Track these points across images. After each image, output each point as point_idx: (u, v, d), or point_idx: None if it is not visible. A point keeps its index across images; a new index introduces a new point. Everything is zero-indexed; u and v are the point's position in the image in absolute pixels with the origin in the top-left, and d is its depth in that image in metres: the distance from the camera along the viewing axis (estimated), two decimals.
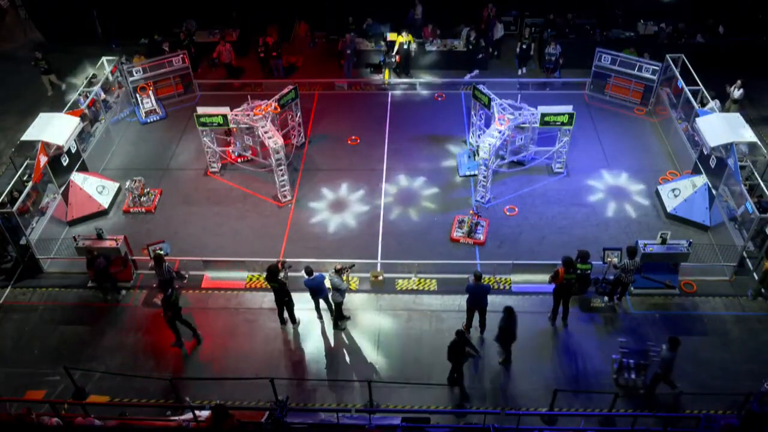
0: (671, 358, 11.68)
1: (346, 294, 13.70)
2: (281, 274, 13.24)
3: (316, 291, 13.57)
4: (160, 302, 13.32)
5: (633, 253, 13.49)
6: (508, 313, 12.30)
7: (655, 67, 19.64)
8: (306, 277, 13.27)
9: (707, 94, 18.05)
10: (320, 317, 14.17)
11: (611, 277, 14.10)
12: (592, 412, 12.29)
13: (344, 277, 13.49)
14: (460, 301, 13.97)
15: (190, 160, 18.87)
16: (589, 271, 13.53)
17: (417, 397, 12.59)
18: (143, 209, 17.07)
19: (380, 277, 14.87)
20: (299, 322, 14.10)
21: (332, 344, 13.76)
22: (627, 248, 13.69)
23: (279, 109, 17.58)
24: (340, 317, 13.92)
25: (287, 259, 13.98)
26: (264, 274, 14.99)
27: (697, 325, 13.84)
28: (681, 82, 18.38)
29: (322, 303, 14.00)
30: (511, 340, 12.68)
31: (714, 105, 17.91)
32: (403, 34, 21.61)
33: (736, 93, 18.89)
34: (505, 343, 12.79)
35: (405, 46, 21.61)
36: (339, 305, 13.64)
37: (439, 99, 21.47)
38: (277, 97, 17.56)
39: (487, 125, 17.54)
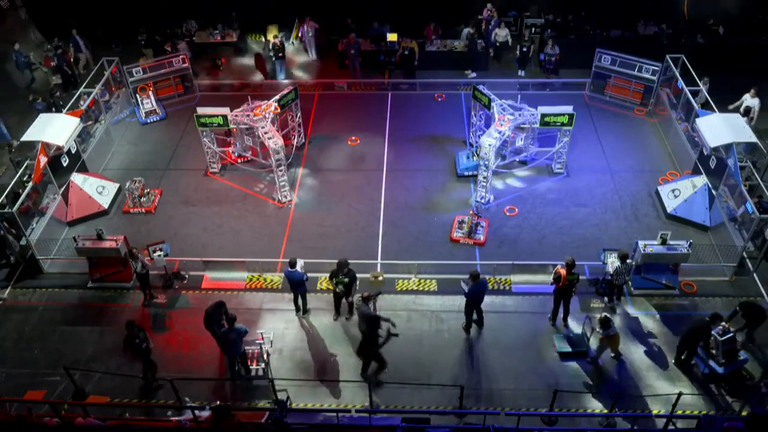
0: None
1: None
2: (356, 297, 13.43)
3: (296, 285, 13.69)
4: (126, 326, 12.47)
5: (624, 258, 13.50)
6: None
7: (655, 68, 19.64)
8: (288, 269, 13.42)
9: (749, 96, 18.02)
10: (297, 310, 14.30)
11: (608, 278, 14.09)
12: (592, 412, 12.30)
13: (371, 305, 12.60)
14: (460, 301, 13.98)
15: (190, 160, 18.87)
16: (575, 281, 13.30)
17: (417, 397, 12.59)
18: (143, 210, 17.08)
19: (380, 277, 14.87)
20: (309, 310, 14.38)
21: (332, 344, 13.75)
22: (618, 253, 13.66)
23: (279, 110, 17.57)
24: (377, 357, 12.91)
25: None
26: (263, 275, 15.06)
27: None
28: (681, 83, 18.37)
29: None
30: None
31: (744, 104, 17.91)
32: (408, 40, 21.55)
33: (752, 102, 17.83)
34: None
35: (406, 52, 21.54)
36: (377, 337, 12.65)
37: (439, 99, 21.47)
38: (277, 97, 17.55)
39: (487, 125, 17.54)
